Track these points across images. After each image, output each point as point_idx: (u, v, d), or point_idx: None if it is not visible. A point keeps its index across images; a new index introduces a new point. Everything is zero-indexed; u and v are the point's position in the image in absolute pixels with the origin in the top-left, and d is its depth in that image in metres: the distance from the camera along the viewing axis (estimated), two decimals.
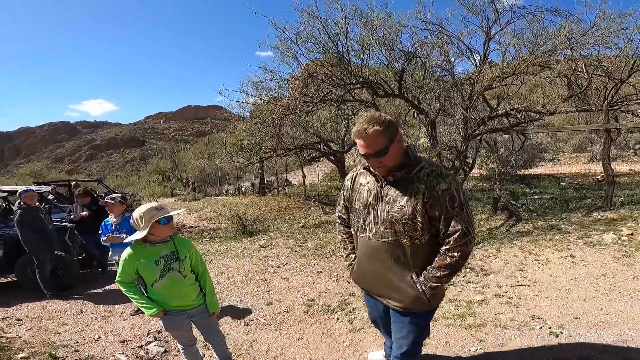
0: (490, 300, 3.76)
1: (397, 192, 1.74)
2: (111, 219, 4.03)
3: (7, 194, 6.24)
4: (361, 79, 7.69)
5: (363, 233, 1.89)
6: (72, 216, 5.67)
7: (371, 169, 1.84)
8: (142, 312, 3.57)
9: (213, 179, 22.06)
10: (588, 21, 6.56)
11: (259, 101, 9.18)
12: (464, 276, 4.47)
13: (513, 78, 7.05)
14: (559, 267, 4.44)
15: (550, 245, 5.09)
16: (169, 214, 2.34)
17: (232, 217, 8.12)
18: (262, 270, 5.40)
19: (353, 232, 2.02)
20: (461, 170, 8.67)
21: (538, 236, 5.53)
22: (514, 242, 5.39)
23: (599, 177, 9.23)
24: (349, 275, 2.15)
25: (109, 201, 4.06)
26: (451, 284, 4.25)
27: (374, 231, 1.81)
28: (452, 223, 1.70)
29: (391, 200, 1.75)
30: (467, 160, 8.74)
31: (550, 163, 12.82)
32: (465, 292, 4.02)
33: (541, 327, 3.16)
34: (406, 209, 1.71)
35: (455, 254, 1.71)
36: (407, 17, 7.62)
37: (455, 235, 1.70)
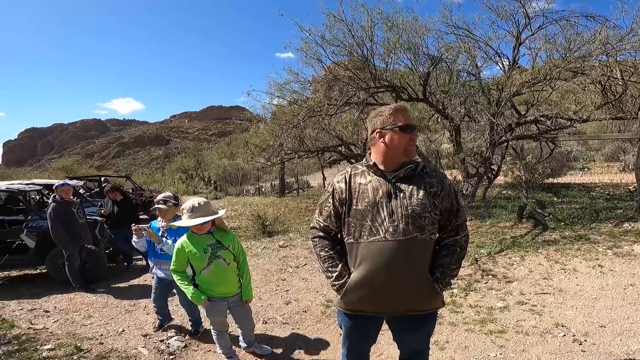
0: (512, 307, 3.74)
1: (412, 186, 1.71)
2: (159, 222, 3.39)
3: (42, 187, 6.53)
4: (385, 83, 7.64)
5: (374, 235, 1.68)
6: (102, 211, 5.88)
7: (372, 169, 1.76)
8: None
9: (234, 179, 22.42)
10: (625, 27, 6.35)
11: (283, 102, 9.27)
12: (486, 283, 4.43)
13: (544, 84, 6.84)
14: (586, 276, 4.39)
15: (578, 255, 5.02)
16: (197, 222, 2.53)
17: (252, 217, 8.22)
18: (281, 270, 5.44)
19: (352, 241, 1.74)
20: (485, 177, 8.48)
21: (565, 245, 5.44)
22: (540, 251, 5.31)
23: (631, 187, 8.82)
24: (340, 298, 1.79)
25: (162, 206, 3.31)
26: (472, 290, 4.24)
27: (391, 230, 1.65)
28: (460, 214, 1.79)
29: (407, 195, 1.69)
30: (492, 167, 8.55)
31: (580, 172, 12.36)
32: (487, 299, 4.00)
33: (564, 335, 3.14)
34: (425, 202, 1.69)
35: (463, 244, 1.80)
36: (433, 21, 7.57)
37: (463, 226, 1.80)
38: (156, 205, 3.37)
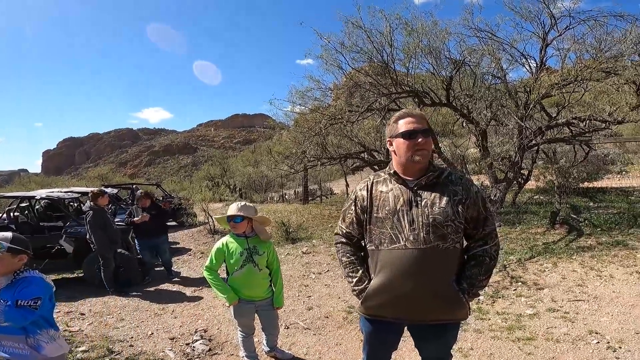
0: (542, 314, 3.65)
1: (434, 194, 1.67)
2: None
3: (80, 195, 6.90)
4: (407, 88, 7.59)
5: (395, 243, 1.67)
6: (134, 218, 5.75)
7: (394, 177, 1.74)
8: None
9: (258, 186, 22.73)
10: None
11: (305, 110, 9.38)
12: (515, 289, 4.33)
13: (575, 85, 6.59)
14: (623, 283, 4.24)
15: (615, 261, 4.85)
16: (227, 215, 2.75)
17: (276, 224, 8.32)
18: (304, 276, 5.48)
19: (373, 248, 1.75)
20: (515, 182, 8.21)
21: (601, 252, 5.25)
22: (574, 257, 5.14)
23: None
24: (360, 302, 1.80)
25: None
26: (500, 297, 4.16)
27: (411, 238, 1.64)
28: (488, 222, 1.74)
29: (429, 203, 1.66)
30: (521, 171, 8.27)
31: (618, 175, 11.72)
32: (515, 306, 3.91)
33: (598, 342, 3.06)
34: (447, 210, 1.65)
35: (493, 254, 1.74)
36: (454, 24, 7.47)
37: (492, 235, 1.75)
38: None
